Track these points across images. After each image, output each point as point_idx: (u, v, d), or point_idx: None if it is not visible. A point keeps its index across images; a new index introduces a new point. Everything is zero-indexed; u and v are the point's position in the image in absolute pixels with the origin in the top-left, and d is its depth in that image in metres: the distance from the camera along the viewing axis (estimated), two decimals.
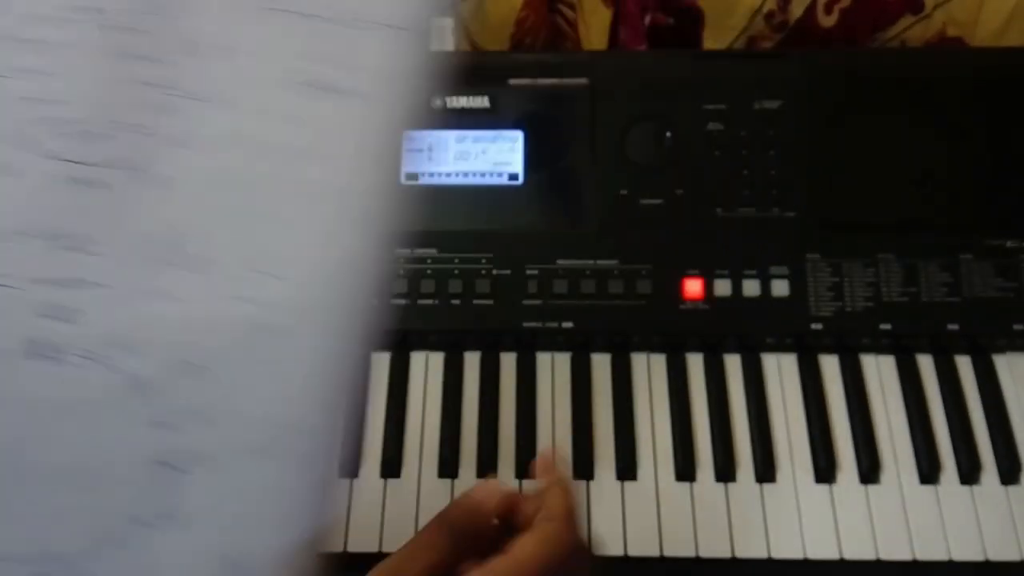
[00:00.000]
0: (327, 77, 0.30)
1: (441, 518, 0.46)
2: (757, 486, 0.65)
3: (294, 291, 0.28)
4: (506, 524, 0.47)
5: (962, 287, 0.69)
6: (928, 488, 0.65)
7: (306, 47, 0.30)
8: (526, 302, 0.69)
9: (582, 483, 0.65)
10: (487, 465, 0.65)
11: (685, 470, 0.65)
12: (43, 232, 0.27)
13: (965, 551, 0.62)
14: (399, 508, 0.64)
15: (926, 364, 0.70)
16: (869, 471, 0.65)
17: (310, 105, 0.29)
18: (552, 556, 0.43)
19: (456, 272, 0.69)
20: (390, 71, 0.31)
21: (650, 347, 0.70)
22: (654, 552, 0.62)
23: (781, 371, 0.69)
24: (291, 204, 0.29)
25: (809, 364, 0.69)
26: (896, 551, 0.62)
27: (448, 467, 0.65)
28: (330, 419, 0.28)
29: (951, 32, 0.85)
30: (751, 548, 0.62)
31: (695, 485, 0.65)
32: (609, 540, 0.62)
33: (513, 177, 0.72)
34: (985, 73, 0.74)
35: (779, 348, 0.70)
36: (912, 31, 0.86)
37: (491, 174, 0.72)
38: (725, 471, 0.65)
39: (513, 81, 0.75)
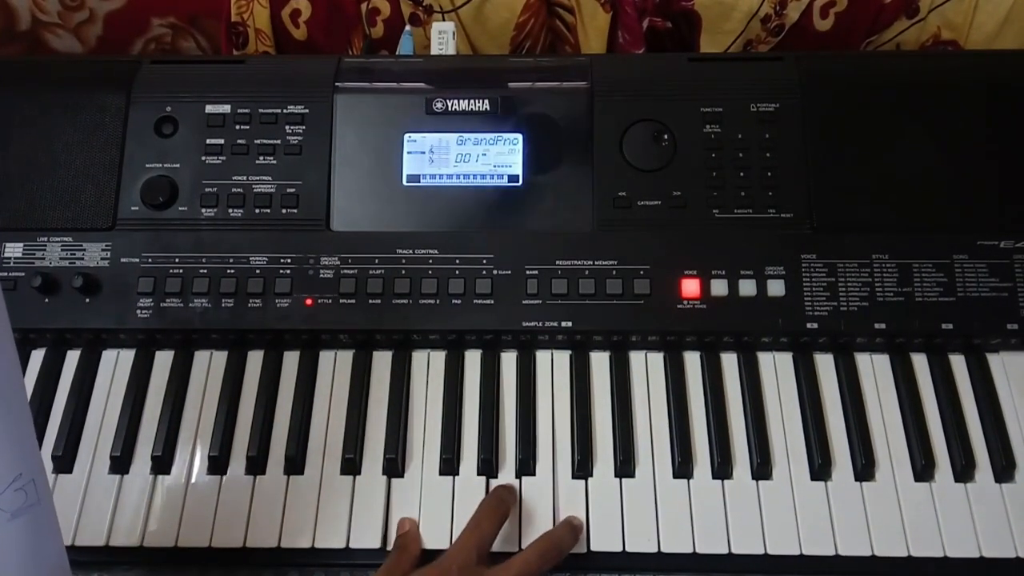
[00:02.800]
0: None
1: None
2: (753, 483, 0.65)
3: None
4: None
5: (956, 287, 0.69)
6: (923, 486, 0.65)
7: None
8: (526, 302, 0.69)
9: (581, 481, 0.66)
10: (488, 463, 0.66)
11: (682, 468, 0.66)
12: None
13: (960, 548, 0.63)
14: (402, 506, 0.65)
15: (921, 363, 0.70)
16: (864, 469, 0.65)
17: None
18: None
19: (457, 272, 0.70)
20: None
21: (648, 346, 0.71)
22: (652, 548, 0.63)
23: (777, 370, 0.70)
24: None
25: (805, 363, 0.70)
26: (891, 548, 0.63)
27: (449, 465, 0.66)
28: None
29: (945, 35, 0.86)
30: (747, 544, 0.63)
31: (692, 482, 0.65)
32: (607, 536, 0.63)
33: (513, 179, 0.73)
34: (979, 76, 0.75)
35: (775, 347, 0.71)
36: (907, 34, 0.87)
37: (491, 176, 0.73)
38: (722, 469, 0.66)
39: (513, 84, 0.75)
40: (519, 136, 0.73)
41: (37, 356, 0.71)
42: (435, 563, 0.58)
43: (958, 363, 0.70)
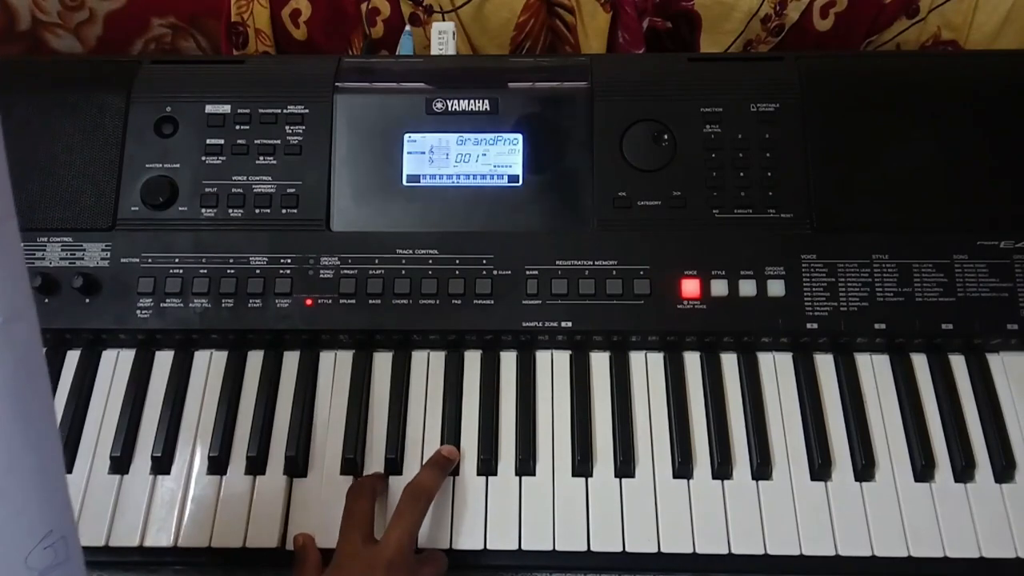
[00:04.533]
0: None
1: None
2: (753, 484, 0.65)
3: None
4: None
5: (956, 287, 0.69)
6: (923, 486, 0.65)
7: None
8: (526, 302, 0.69)
9: (581, 481, 0.66)
10: (487, 463, 0.66)
11: (682, 468, 0.66)
12: None
13: (960, 548, 0.63)
14: None
15: (920, 363, 0.70)
16: (864, 469, 0.65)
17: None
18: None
19: (457, 272, 0.70)
20: None
21: (648, 346, 0.71)
22: (651, 548, 0.63)
23: (777, 370, 0.70)
24: None
25: (805, 363, 0.70)
26: (891, 548, 0.63)
27: None
28: None
29: (945, 35, 0.86)
30: (747, 544, 0.63)
31: (692, 482, 0.65)
32: (607, 536, 0.63)
33: (513, 179, 0.73)
34: (979, 76, 0.75)
35: (775, 347, 0.71)
36: (907, 34, 0.87)
37: (491, 176, 0.73)
38: (722, 469, 0.66)
39: (513, 84, 0.75)
40: (519, 136, 0.73)
41: None
42: (330, 564, 0.59)
43: (958, 363, 0.70)
